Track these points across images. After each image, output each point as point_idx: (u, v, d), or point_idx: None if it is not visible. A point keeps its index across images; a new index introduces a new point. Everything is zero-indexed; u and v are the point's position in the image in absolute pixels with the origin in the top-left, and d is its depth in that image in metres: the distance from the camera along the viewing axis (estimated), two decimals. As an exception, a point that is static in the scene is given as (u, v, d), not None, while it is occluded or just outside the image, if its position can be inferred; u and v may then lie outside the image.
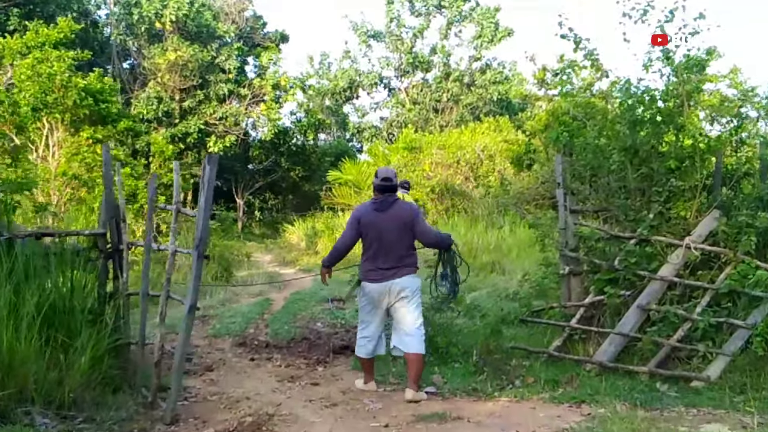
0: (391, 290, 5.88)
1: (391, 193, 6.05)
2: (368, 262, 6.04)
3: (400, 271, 5.89)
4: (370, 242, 5.99)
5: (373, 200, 6.12)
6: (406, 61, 32.38)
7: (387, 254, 5.90)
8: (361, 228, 6.03)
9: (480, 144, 20.59)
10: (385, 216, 5.92)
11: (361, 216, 6.08)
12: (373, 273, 5.97)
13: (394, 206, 5.98)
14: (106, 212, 6.53)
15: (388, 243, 5.90)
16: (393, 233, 5.90)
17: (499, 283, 12.84)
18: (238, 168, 31.59)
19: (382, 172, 6.13)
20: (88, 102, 13.39)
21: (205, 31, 27.88)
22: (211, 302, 11.19)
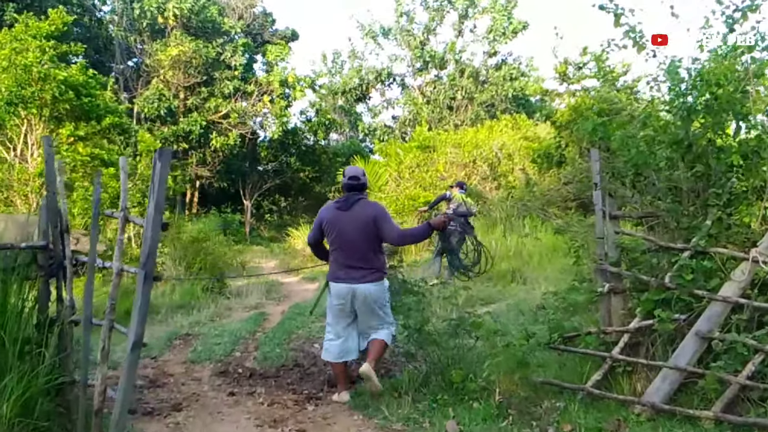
0: (356, 294, 5.82)
1: (357, 192, 5.96)
2: (334, 262, 6.00)
3: (367, 276, 5.83)
4: (333, 242, 5.95)
5: (337, 199, 6.08)
6: (418, 57, 31.26)
7: (350, 254, 5.84)
8: (323, 227, 5.99)
9: (498, 142, 19.35)
10: (347, 215, 5.84)
11: (324, 218, 6.01)
12: (339, 272, 5.91)
13: (356, 205, 5.88)
14: (48, 220, 5.37)
15: (350, 242, 5.83)
16: (355, 233, 5.81)
17: (519, 295, 11.64)
18: (245, 169, 30.62)
19: (350, 171, 6.10)
20: (69, 96, 12.26)
21: (210, 27, 26.92)
22: (199, 317, 10.05)
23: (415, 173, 19.39)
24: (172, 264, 11.76)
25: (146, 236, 4.29)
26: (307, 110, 31.90)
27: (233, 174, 30.20)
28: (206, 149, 27.28)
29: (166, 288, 11.38)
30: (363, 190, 6.01)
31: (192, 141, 26.38)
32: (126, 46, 27.54)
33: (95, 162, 12.44)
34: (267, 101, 26.65)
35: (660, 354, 5.54)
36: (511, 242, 14.83)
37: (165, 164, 4.37)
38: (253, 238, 27.92)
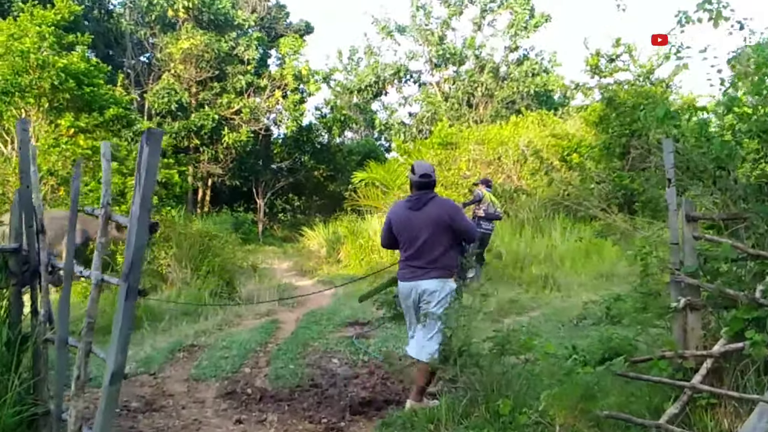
0: (417, 291, 5.58)
1: (428, 191, 5.61)
2: (402, 262, 5.75)
3: (431, 272, 5.52)
4: (404, 242, 5.66)
5: (408, 198, 5.71)
6: (436, 54, 30.32)
7: (421, 254, 5.54)
8: (394, 229, 5.71)
9: (524, 139, 18.35)
10: (419, 215, 5.51)
11: (394, 216, 5.76)
12: (405, 272, 5.70)
13: (429, 204, 5.54)
14: (20, 218, 4.50)
15: (422, 243, 5.51)
16: (428, 233, 5.48)
17: (555, 303, 10.73)
18: (258, 166, 29.77)
19: (420, 168, 5.72)
20: (69, 85, 11.39)
21: (222, 20, 26.08)
22: (206, 326, 9.14)
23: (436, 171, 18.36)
24: (178, 266, 10.88)
25: (130, 240, 3.41)
26: (322, 107, 31.10)
27: (246, 172, 29.36)
28: (218, 146, 26.44)
29: (171, 293, 10.52)
30: (434, 187, 5.72)
31: (204, 137, 25.57)
32: (137, 40, 26.80)
33: (97, 156, 11.57)
34: (280, 96, 25.78)
35: (753, 384, 4.60)
36: (540, 245, 13.91)
37: (154, 149, 3.48)
38: (265, 238, 27.07)
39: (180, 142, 24.99)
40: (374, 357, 7.44)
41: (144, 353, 7.54)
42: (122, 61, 26.58)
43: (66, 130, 11.29)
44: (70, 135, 11.32)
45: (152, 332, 8.61)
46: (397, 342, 8.00)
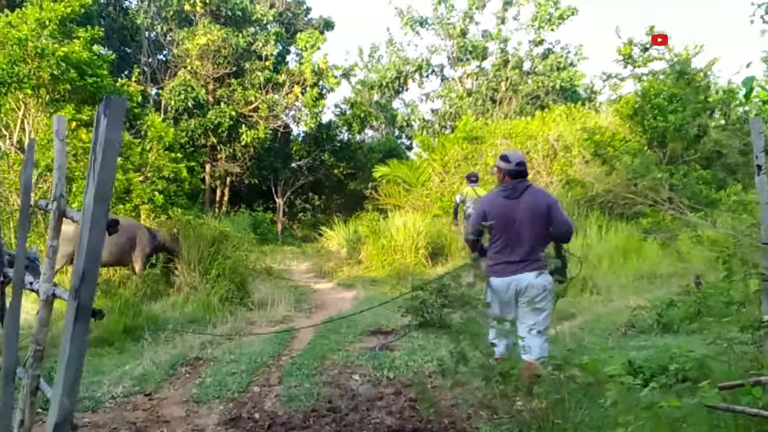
0: (518, 286, 5.27)
1: (523, 179, 5.35)
2: (496, 255, 5.41)
3: (530, 265, 5.25)
4: (499, 234, 5.35)
5: (503, 187, 5.36)
6: (458, 48, 29.38)
7: (517, 246, 5.29)
8: (489, 219, 5.32)
9: (553, 133, 17.38)
10: (517, 204, 5.26)
11: (488, 207, 5.45)
12: (500, 267, 5.35)
13: (526, 193, 5.29)
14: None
15: (519, 234, 5.27)
16: (526, 223, 5.25)
17: (596, 308, 9.78)
18: (277, 165, 28.99)
19: (515, 156, 5.45)
20: (70, 75, 10.60)
21: (240, 14, 25.32)
22: (215, 335, 8.30)
23: (461, 167, 17.50)
24: (186, 269, 10.07)
25: (82, 243, 2.56)
26: (341, 104, 30.32)
27: (265, 170, 28.63)
28: (236, 144, 25.73)
29: (178, 299, 9.71)
30: (526, 176, 5.42)
31: (221, 135, 24.85)
32: (154, 37, 26.14)
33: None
34: (298, 92, 24.97)
35: None
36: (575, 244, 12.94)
37: (114, 122, 2.61)
38: (284, 238, 26.33)
39: (197, 140, 24.29)
40: (401, 373, 6.56)
41: (141, 369, 6.72)
42: (139, 58, 25.90)
43: (67, 124, 10.48)
44: (72, 129, 10.53)
45: (153, 343, 7.80)
46: (425, 355, 7.12)
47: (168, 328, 8.31)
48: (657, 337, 7.83)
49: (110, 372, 6.64)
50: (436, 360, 6.86)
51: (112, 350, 7.47)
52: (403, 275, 13.61)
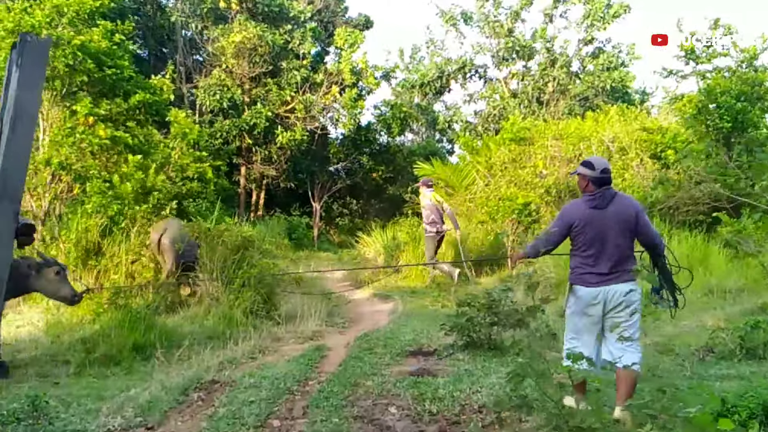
0: (607, 297, 5.13)
1: (609, 187, 5.24)
2: (583, 265, 5.25)
3: (620, 276, 5.11)
4: (588, 244, 5.20)
5: (589, 196, 5.23)
6: (505, 47, 28.31)
7: (607, 257, 5.14)
8: (576, 231, 5.22)
9: (609, 134, 16.21)
10: (606, 213, 5.14)
11: (575, 218, 5.26)
12: (588, 276, 5.21)
13: (614, 201, 5.18)
14: None
15: (608, 244, 5.13)
16: (615, 233, 5.12)
17: (663, 328, 8.71)
18: (314, 168, 28.20)
19: (600, 163, 5.31)
20: (87, 66, 9.78)
21: (276, 12, 24.57)
22: (234, 353, 7.40)
23: (508, 170, 16.42)
24: (208, 278, 9.20)
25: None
26: (381, 106, 29.43)
27: (301, 173, 27.87)
28: (272, 146, 24.97)
29: (199, 310, 8.83)
30: (611, 183, 5.30)
31: (256, 136, 24.09)
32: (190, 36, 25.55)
33: (119, 147, 9.99)
34: (336, 92, 24.12)
35: None
36: (635, 255, 11.87)
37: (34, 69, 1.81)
38: (321, 244, 25.47)
39: (231, 141, 23.59)
40: (445, 407, 5.57)
41: (148, 394, 5.81)
42: (175, 58, 25.30)
43: (83, 118, 9.71)
44: (89, 124, 9.72)
45: (165, 363, 6.91)
46: (473, 383, 6.12)
47: (183, 345, 7.42)
48: (741, 365, 6.79)
49: (112, 397, 5.77)
50: (486, 389, 5.88)
51: (119, 371, 6.60)
52: (444, 286, 12.68)
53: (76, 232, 9.40)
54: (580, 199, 5.40)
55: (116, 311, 7.36)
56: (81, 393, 5.82)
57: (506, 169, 16.55)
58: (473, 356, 7.15)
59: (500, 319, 7.51)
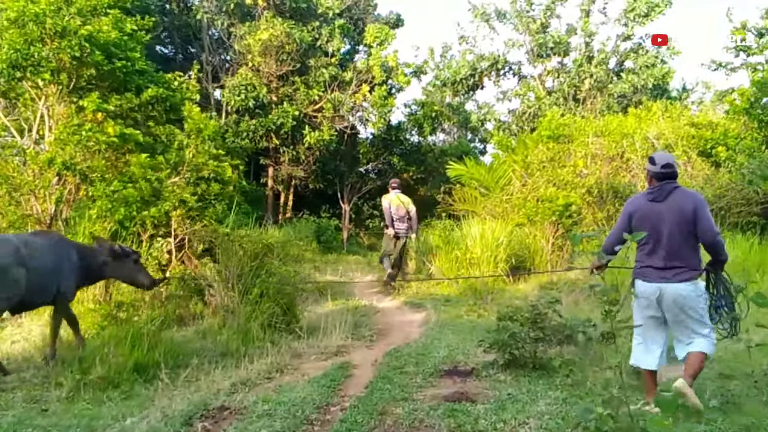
0: (664, 295, 5.12)
1: (671, 181, 5.20)
2: (642, 258, 5.29)
3: (678, 274, 5.08)
4: (646, 237, 5.15)
5: (649, 189, 5.29)
6: (538, 43, 27.39)
7: (664, 250, 5.13)
8: (634, 222, 5.28)
9: (653, 130, 15.22)
10: (663, 206, 5.16)
11: (634, 209, 5.36)
12: (647, 270, 5.23)
13: (673, 195, 5.15)
14: None
15: (665, 237, 5.12)
16: (672, 226, 5.10)
17: (724, 342, 7.71)
18: (344, 169, 27.53)
19: (661, 158, 5.30)
20: (95, 58, 9.07)
21: (304, 8, 23.89)
22: (249, 373, 6.62)
23: (546, 169, 15.52)
24: (223, 288, 8.45)
25: None
26: (411, 105, 28.70)
27: (330, 174, 27.23)
28: (299, 146, 24.31)
29: (214, 323, 8.08)
30: (676, 178, 5.31)
31: (284, 136, 23.42)
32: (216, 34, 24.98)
33: (129, 144, 9.26)
34: (366, 90, 23.36)
35: None
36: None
37: None
38: (350, 246, 24.75)
39: (258, 142, 22.93)
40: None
41: (146, 425, 5.08)
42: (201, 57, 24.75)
43: (91, 115, 9.01)
44: (98, 121, 9.03)
45: (170, 385, 6.15)
46: (518, 411, 5.31)
47: (192, 364, 6.67)
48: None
49: (105, 428, 5.04)
50: (534, 419, 5.08)
51: (117, 395, 5.84)
52: (480, 294, 11.85)
53: (83, 238, 8.72)
54: (643, 192, 5.52)
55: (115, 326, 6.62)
56: (70, 423, 5.09)
57: (544, 168, 15.63)
58: (516, 377, 6.33)
59: (546, 335, 6.69)
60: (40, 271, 6.65)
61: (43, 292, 6.77)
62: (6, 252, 6.42)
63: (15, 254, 6.46)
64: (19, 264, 6.44)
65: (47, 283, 6.79)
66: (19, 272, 6.43)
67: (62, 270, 6.96)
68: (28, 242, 6.75)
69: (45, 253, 6.82)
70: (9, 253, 6.42)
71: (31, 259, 6.58)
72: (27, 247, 6.63)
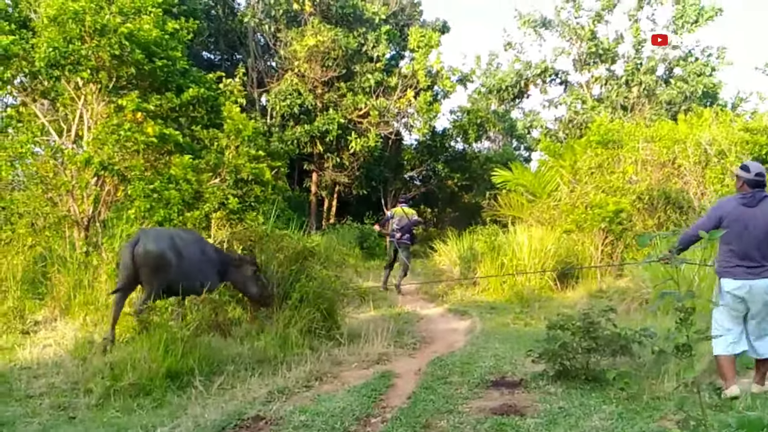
0: (753, 290, 5.52)
1: (762, 189, 5.65)
2: (730, 258, 5.65)
3: (765, 271, 5.51)
4: (736, 239, 5.56)
5: (741, 195, 5.71)
6: (587, 51, 26.88)
7: (753, 252, 5.55)
8: (723, 224, 5.60)
9: (706, 136, 14.67)
10: (755, 211, 5.58)
11: (725, 212, 5.71)
12: (736, 269, 5.59)
13: (763, 202, 5.60)
14: None
15: (755, 240, 5.54)
16: (760, 230, 5.54)
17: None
18: (388, 175, 27.34)
19: (755, 167, 5.73)
20: (135, 57, 8.93)
21: (351, 14, 23.74)
22: (286, 381, 6.37)
23: (595, 175, 15.04)
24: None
25: None
26: (457, 111, 28.39)
27: (374, 180, 27.03)
28: (344, 152, 24.15)
29: (250, 330, 7.86)
30: (765, 187, 5.68)
31: (329, 143, 23.26)
32: (263, 41, 24.98)
33: (168, 146, 9.11)
34: (411, 96, 23.09)
35: None
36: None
37: None
38: (393, 253, 24.44)
39: (303, 148, 22.81)
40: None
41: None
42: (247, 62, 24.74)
43: (131, 114, 8.88)
44: (138, 121, 8.89)
45: (204, 393, 5.92)
46: (570, 426, 4.97)
47: (227, 371, 6.44)
48: None
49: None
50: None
51: (148, 403, 5.62)
52: (527, 301, 11.49)
53: (120, 240, 8.59)
54: (733, 196, 5.88)
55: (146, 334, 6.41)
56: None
57: (593, 174, 15.17)
58: (568, 389, 5.98)
59: (599, 345, 6.33)
60: (189, 260, 7.68)
61: (189, 279, 7.65)
62: (163, 240, 7.51)
63: (171, 243, 7.54)
64: (174, 251, 7.50)
65: (194, 272, 7.74)
66: (174, 259, 7.48)
67: (205, 262, 7.96)
68: (180, 235, 7.87)
69: (192, 245, 7.88)
70: (166, 241, 7.51)
71: (183, 248, 7.66)
72: (180, 239, 7.74)
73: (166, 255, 7.41)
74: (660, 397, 5.52)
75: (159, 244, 7.42)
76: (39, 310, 8.87)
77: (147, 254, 7.29)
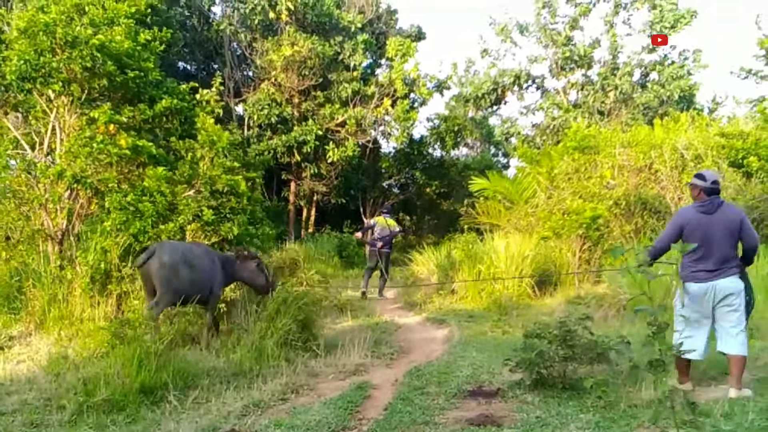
0: (716, 290, 5.90)
1: (717, 196, 6.02)
2: (694, 263, 6.00)
3: (725, 272, 5.90)
4: (698, 245, 5.83)
5: (700, 203, 6.04)
6: (563, 56, 26.97)
7: (713, 256, 5.90)
8: (685, 231, 6.02)
9: (682, 141, 14.73)
10: (713, 218, 5.92)
11: (685, 220, 6.07)
12: (699, 273, 5.96)
13: (722, 208, 5.97)
14: None
15: (716, 245, 5.90)
16: (721, 235, 5.90)
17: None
18: (366, 183, 27.34)
19: (711, 176, 6.13)
20: (107, 68, 8.84)
21: (327, 22, 23.70)
22: (262, 394, 6.30)
23: (572, 181, 15.06)
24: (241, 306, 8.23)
25: None
26: (434, 119, 28.46)
27: (352, 189, 27.06)
28: (322, 162, 24.11)
29: (229, 341, 7.79)
30: (719, 193, 6.05)
31: (307, 153, 23.18)
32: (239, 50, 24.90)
33: (142, 157, 9.02)
34: (388, 104, 23.10)
35: None
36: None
37: None
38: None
39: (281, 158, 22.74)
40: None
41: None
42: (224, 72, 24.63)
43: (103, 126, 8.78)
44: (111, 133, 8.79)
45: (178, 407, 5.84)
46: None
47: (202, 385, 6.37)
48: None
49: None
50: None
51: (122, 419, 5.53)
52: (505, 309, 11.48)
53: (94, 254, 8.49)
54: (691, 205, 6.16)
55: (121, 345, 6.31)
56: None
57: (570, 180, 15.18)
58: (545, 398, 5.97)
59: (576, 354, 6.31)
60: (200, 271, 8.09)
61: (201, 289, 8.07)
62: (177, 254, 7.90)
63: (183, 257, 7.94)
64: (186, 264, 7.92)
65: (205, 282, 8.14)
66: (187, 271, 7.89)
67: (213, 272, 8.34)
68: (191, 249, 8.27)
69: (202, 258, 8.25)
70: (179, 255, 7.90)
71: (195, 261, 8.06)
72: (191, 252, 8.13)
73: (179, 267, 7.81)
74: (637, 405, 5.50)
75: (173, 256, 7.81)
76: (14, 325, 8.78)
77: (162, 266, 7.71)
